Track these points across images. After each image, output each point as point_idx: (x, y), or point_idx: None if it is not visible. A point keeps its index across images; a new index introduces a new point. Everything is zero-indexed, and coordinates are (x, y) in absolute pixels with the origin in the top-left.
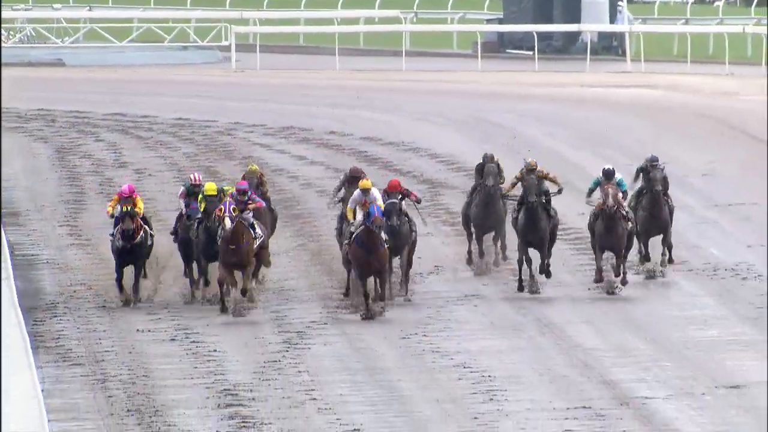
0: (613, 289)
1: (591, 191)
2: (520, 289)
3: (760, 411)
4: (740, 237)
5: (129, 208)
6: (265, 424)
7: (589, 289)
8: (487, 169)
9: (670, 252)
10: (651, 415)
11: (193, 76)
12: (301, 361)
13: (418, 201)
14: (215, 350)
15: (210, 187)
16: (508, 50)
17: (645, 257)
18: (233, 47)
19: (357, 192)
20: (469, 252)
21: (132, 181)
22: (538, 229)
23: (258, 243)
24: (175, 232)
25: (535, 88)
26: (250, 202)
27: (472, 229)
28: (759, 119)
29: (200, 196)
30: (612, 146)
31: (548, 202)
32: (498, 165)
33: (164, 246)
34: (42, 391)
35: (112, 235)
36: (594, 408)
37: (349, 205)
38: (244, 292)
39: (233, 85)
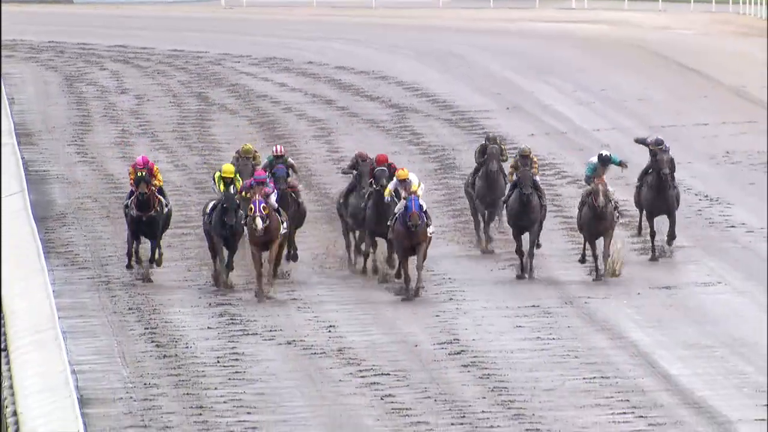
0: (598, 274)
1: (588, 178)
2: (521, 277)
3: (690, 309)
4: (671, 155)
5: (144, 173)
6: (251, 321)
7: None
8: (490, 150)
9: (673, 230)
10: (592, 314)
11: (187, 11)
12: (285, 269)
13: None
14: (208, 257)
15: (228, 169)
16: None
17: (651, 233)
18: None
19: (395, 181)
20: (476, 224)
21: (132, 105)
22: (529, 213)
23: (284, 227)
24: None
25: (491, 23)
26: (268, 189)
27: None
28: (688, 50)
29: (216, 175)
30: (557, 75)
31: (538, 189)
32: (501, 147)
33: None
34: (53, 291)
35: (127, 206)
36: (542, 307)
37: (389, 187)
38: (269, 272)
39: (222, 20)
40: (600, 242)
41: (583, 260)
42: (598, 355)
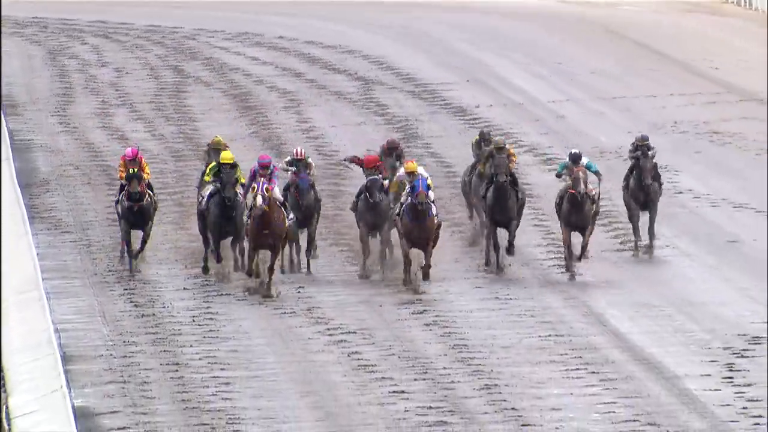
0: (573, 273)
1: (559, 175)
2: (488, 263)
3: (639, 271)
4: (622, 125)
5: (135, 170)
6: (224, 282)
7: None
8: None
9: (652, 226)
10: (547, 276)
11: None
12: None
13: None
14: (184, 222)
15: (226, 156)
16: None
17: (635, 232)
18: None
19: (402, 173)
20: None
21: (111, 78)
22: (506, 208)
23: (289, 224)
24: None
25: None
26: (273, 177)
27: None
28: (638, 26)
29: (211, 165)
30: (515, 49)
31: (515, 181)
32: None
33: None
34: (37, 254)
35: (117, 201)
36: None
37: (395, 178)
38: (270, 270)
39: None
40: (578, 238)
41: (569, 259)
42: (553, 315)
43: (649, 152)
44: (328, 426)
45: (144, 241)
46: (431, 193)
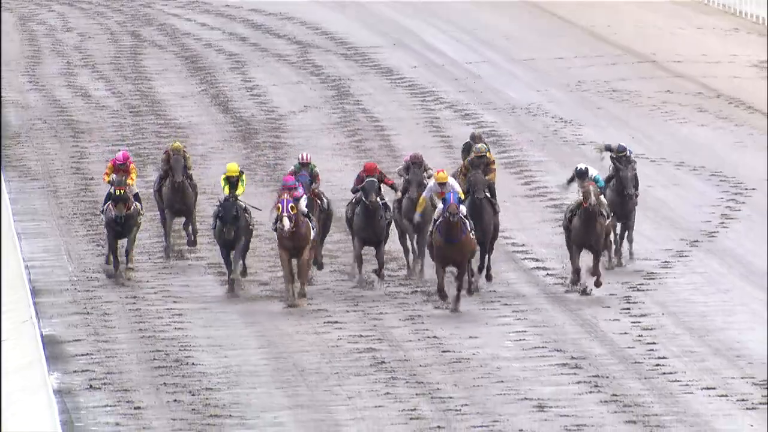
0: (586, 291)
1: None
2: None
3: (544, 212)
4: (531, 83)
5: (122, 192)
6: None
7: None
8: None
9: (630, 234)
10: None
11: None
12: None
13: (393, 187)
14: (142, 170)
15: (232, 168)
16: None
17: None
18: None
19: (433, 183)
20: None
21: (76, 42)
22: (482, 223)
23: (314, 232)
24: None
25: None
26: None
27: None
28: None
29: (222, 177)
30: (436, 16)
31: (493, 196)
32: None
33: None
34: (9, 199)
35: (102, 211)
36: None
37: (424, 194)
38: (299, 279)
39: None
40: (588, 257)
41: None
42: None
43: (630, 164)
44: (270, 352)
45: (128, 252)
46: (462, 207)
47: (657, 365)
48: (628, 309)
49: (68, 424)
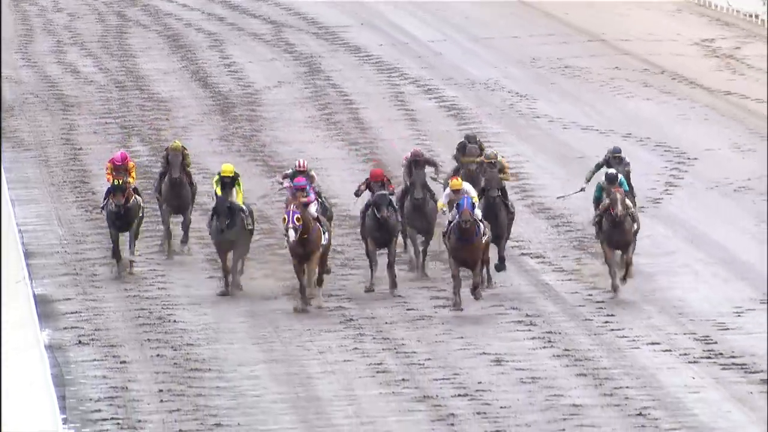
0: (617, 287)
1: (597, 199)
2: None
3: None
4: (490, 60)
5: (120, 182)
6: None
7: None
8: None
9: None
10: None
11: None
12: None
13: (392, 194)
14: (129, 140)
15: (227, 169)
16: None
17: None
18: None
19: (449, 191)
20: None
21: (65, 21)
22: (497, 223)
23: (325, 238)
24: None
25: None
26: (307, 196)
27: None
28: None
29: (215, 179)
30: (431, 12)
31: (505, 195)
32: (480, 145)
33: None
34: (3, 167)
35: (103, 207)
36: None
37: (442, 200)
38: (308, 284)
39: None
40: (618, 255)
41: (612, 274)
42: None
43: (620, 163)
44: (246, 311)
45: (132, 242)
46: (477, 211)
47: (606, 322)
48: (579, 270)
49: (59, 377)
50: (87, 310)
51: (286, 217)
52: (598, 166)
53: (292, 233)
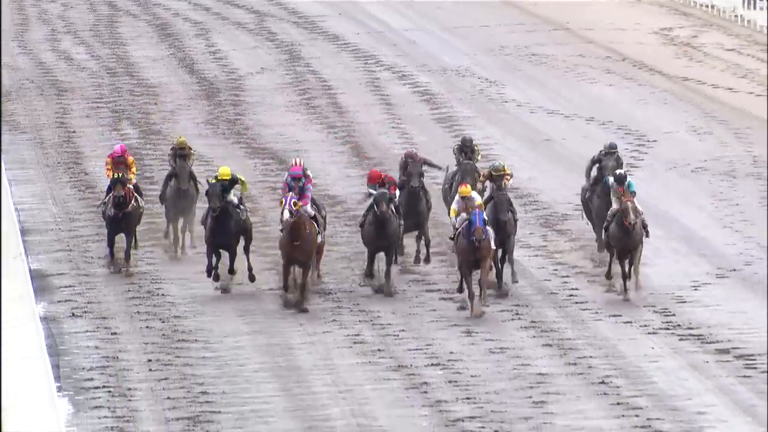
0: (627, 292)
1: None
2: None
3: None
4: (462, 48)
5: (120, 175)
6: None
7: None
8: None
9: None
10: None
11: None
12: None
13: (393, 196)
14: (119, 124)
15: (224, 172)
16: None
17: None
18: None
19: (458, 198)
20: None
21: (59, 11)
22: (504, 236)
23: (321, 238)
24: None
25: None
26: (305, 192)
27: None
28: None
29: (213, 181)
30: (405, 3)
31: (510, 205)
32: (474, 147)
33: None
34: (0, 150)
35: (104, 203)
36: None
37: (453, 206)
38: (302, 287)
39: None
40: (627, 260)
41: (609, 276)
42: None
43: (612, 155)
44: (230, 285)
45: (128, 244)
46: (484, 214)
47: (570, 296)
48: (545, 246)
49: (53, 347)
50: (80, 284)
51: (283, 200)
52: (594, 161)
53: (286, 213)
